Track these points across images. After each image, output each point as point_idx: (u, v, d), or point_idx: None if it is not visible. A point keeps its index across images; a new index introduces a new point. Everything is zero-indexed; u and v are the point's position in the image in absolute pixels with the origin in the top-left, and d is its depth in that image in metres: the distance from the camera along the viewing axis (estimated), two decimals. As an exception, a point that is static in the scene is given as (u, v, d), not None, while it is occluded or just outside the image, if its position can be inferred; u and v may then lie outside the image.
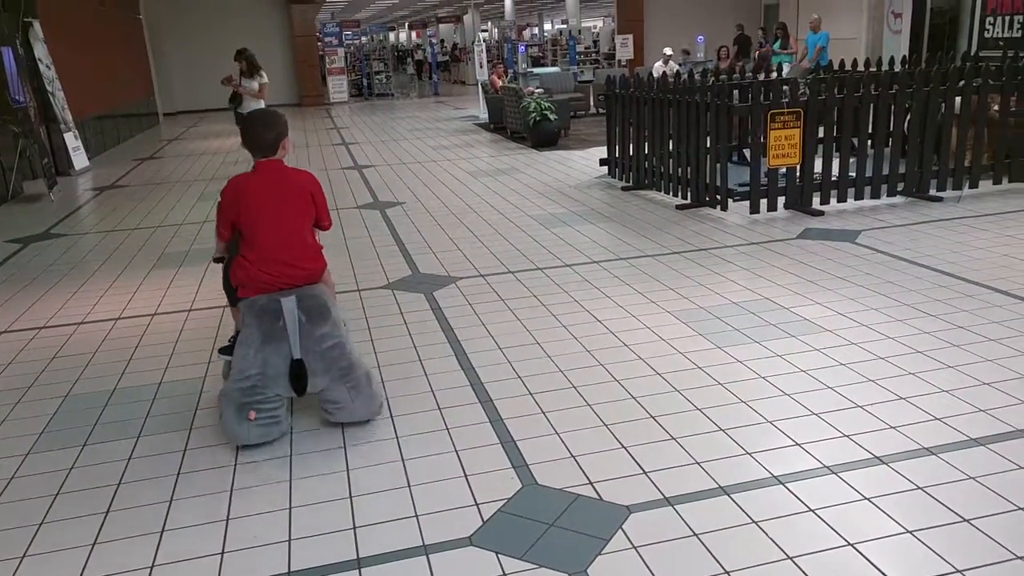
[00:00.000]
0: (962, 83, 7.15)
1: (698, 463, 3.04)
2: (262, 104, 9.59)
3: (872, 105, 7.20)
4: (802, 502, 2.75)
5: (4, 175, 9.89)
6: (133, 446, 3.48)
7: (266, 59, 21.35)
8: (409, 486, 3.03)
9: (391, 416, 3.60)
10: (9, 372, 4.42)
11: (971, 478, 2.84)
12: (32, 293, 5.87)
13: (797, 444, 3.14)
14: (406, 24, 52.64)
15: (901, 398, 3.47)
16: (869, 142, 7.67)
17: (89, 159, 12.56)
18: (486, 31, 40.80)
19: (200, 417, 3.72)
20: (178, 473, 3.23)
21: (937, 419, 3.27)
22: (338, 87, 23.37)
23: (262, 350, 3.38)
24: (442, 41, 39.56)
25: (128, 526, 2.89)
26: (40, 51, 11.41)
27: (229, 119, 19.53)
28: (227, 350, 3.87)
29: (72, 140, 11.91)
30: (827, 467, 2.96)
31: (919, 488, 2.79)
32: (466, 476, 3.07)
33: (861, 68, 9.31)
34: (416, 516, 2.84)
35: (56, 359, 4.56)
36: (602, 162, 9.49)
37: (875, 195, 7.21)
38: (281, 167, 3.56)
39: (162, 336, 4.85)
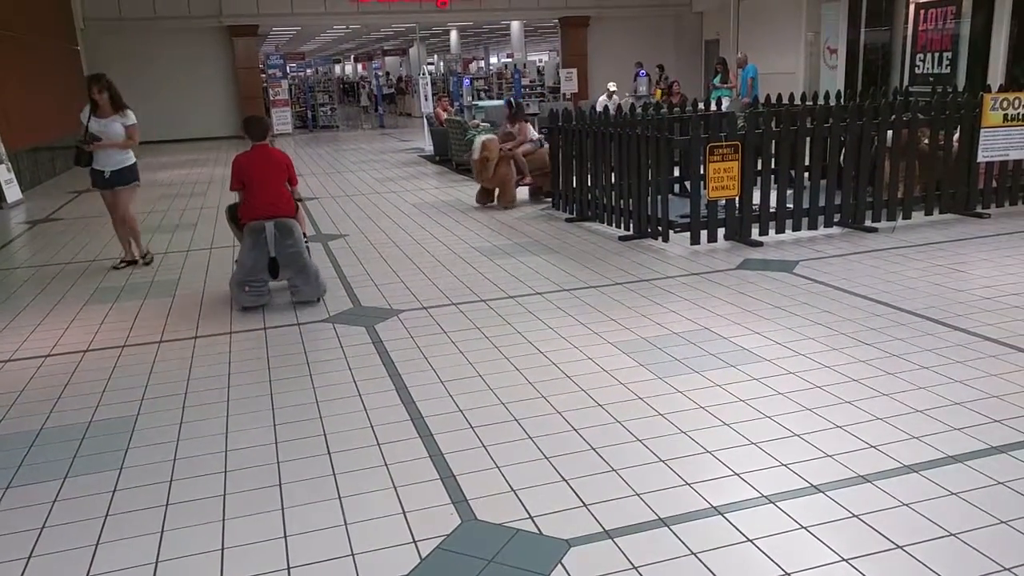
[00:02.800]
0: (893, 117, 7.41)
1: (638, 495, 3.03)
2: (130, 155, 7.25)
3: (808, 138, 7.42)
4: (740, 532, 2.76)
5: (-70, 208, 9.54)
6: (59, 488, 3.33)
7: (208, 91, 21.38)
8: (345, 524, 2.96)
9: (328, 452, 3.52)
10: (-74, 414, 4.21)
11: (905, 505, 2.88)
12: (-45, 330, 5.63)
13: (736, 474, 3.15)
14: (351, 56, 52.65)
15: (837, 426, 3.52)
16: (806, 174, 7.89)
17: (23, 191, 12.20)
18: (432, 64, 41.08)
19: (131, 456, 3.58)
20: (106, 515, 3.10)
21: (872, 447, 3.32)
22: (282, 119, 23.18)
23: (253, 251, 5.73)
24: (387, 74, 39.64)
25: (50, 571, 2.75)
26: (-29, 81, 11.10)
27: (175, 150, 19.28)
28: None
29: (4, 172, 11.57)
30: (765, 496, 2.98)
31: (855, 516, 2.83)
32: (404, 513, 3.01)
33: (798, 102, 9.61)
34: (352, 555, 2.76)
35: (-23, 399, 4.37)
36: (546, 194, 9.56)
37: (812, 226, 7.40)
38: (267, 148, 5.99)
39: (94, 373, 4.68)
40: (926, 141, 7.75)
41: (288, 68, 24.20)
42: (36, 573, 2.76)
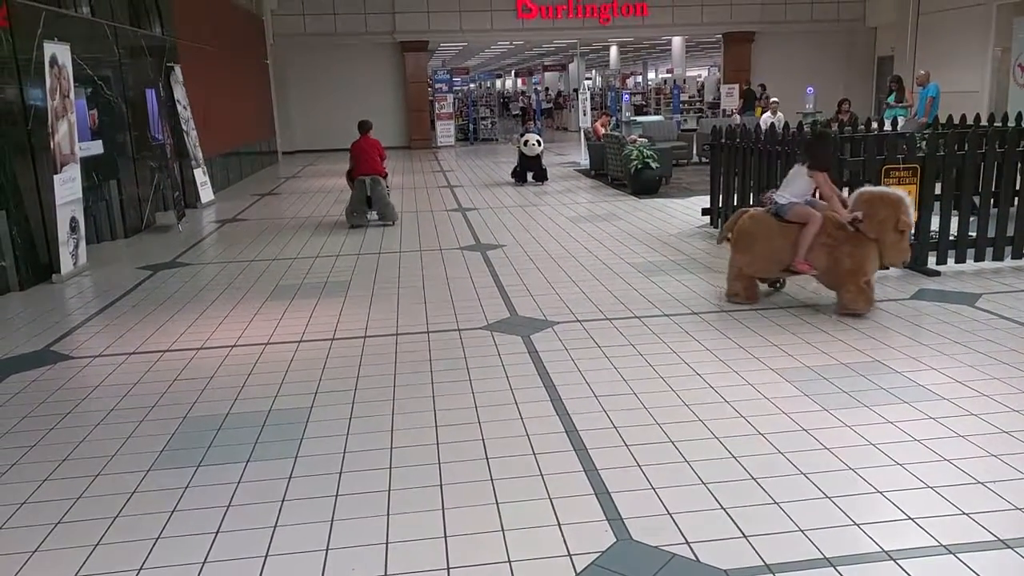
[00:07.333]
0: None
1: (802, 530, 2.93)
2: None
3: (997, 163, 6.88)
4: (915, 581, 2.61)
5: (140, 206, 10.62)
6: (243, 471, 3.62)
7: (380, 103, 22.45)
8: (503, 530, 3.04)
9: (486, 457, 3.63)
10: (136, 391, 4.70)
11: (1107, 570, 2.62)
12: (159, 317, 6.24)
13: (910, 518, 2.98)
14: (512, 71, 53.84)
15: (1027, 476, 3.25)
16: (992, 201, 7.31)
17: (214, 193, 13.33)
18: (590, 79, 41.29)
19: (306, 446, 3.84)
20: (283, 500, 3.34)
21: (1067, 502, 3.04)
22: (445, 131, 24.06)
23: (359, 192, 10.17)
24: (547, 88, 40.22)
25: (235, 548, 3.00)
26: (179, 93, 12.26)
27: (340, 158, 20.39)
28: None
29: (200, 175, 12.68)
30: (944, 546, 2.79)
31: (1047, 576, 2.60)
32: (559, 525, 3.05)
33: (985, 123, 8.94)
34: (509, 562, 2.84)
35: (177, 381, 4.83)
36: (704, 211, 9.39)
37: (997, 257, 6.86)
38: (369, 137, 10.45)
39: (273, 365, 5.05)
40: None
41: (453, 83, 25.08)
42: (222, 547, 3.02)
